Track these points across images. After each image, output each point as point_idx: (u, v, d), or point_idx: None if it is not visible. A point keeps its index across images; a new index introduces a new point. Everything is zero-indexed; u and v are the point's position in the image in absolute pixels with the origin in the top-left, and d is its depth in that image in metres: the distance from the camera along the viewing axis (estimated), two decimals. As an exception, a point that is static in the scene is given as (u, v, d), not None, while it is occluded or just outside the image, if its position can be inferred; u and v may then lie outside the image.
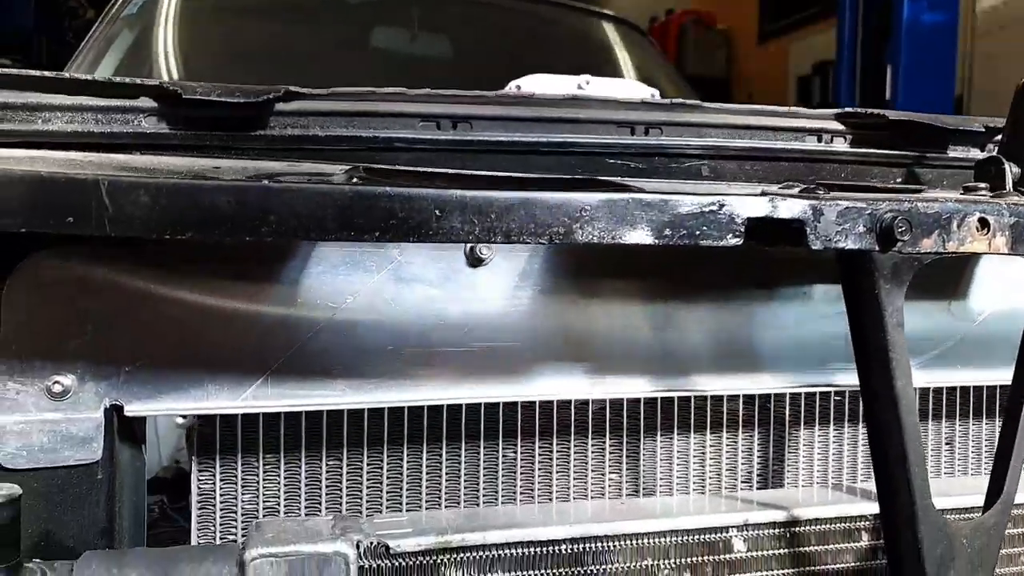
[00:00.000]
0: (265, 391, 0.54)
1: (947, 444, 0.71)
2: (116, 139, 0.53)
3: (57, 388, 0.51)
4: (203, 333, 0.54)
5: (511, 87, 1.09)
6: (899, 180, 0.68)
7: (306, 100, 0.55)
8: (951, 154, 0.68)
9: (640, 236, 0.45)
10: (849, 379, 0.63)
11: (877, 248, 0.48)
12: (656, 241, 0.45)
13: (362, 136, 0.56)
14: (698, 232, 0.46)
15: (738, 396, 0.64)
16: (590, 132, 0.61)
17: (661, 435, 0.63)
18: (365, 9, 2.25)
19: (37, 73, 0.51)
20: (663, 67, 2.44)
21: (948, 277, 0.67)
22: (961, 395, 0.70)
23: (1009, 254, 0.51)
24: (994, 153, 0.65)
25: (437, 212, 0.43)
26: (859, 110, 0.67)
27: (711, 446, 0.64)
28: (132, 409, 0.52)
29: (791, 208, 0.47)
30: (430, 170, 0.55)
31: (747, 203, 0.46)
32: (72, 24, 5.04)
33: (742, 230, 0.46)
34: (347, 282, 0.55)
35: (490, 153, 0.59)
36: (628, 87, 1.14)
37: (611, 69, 2.38)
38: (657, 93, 1.21)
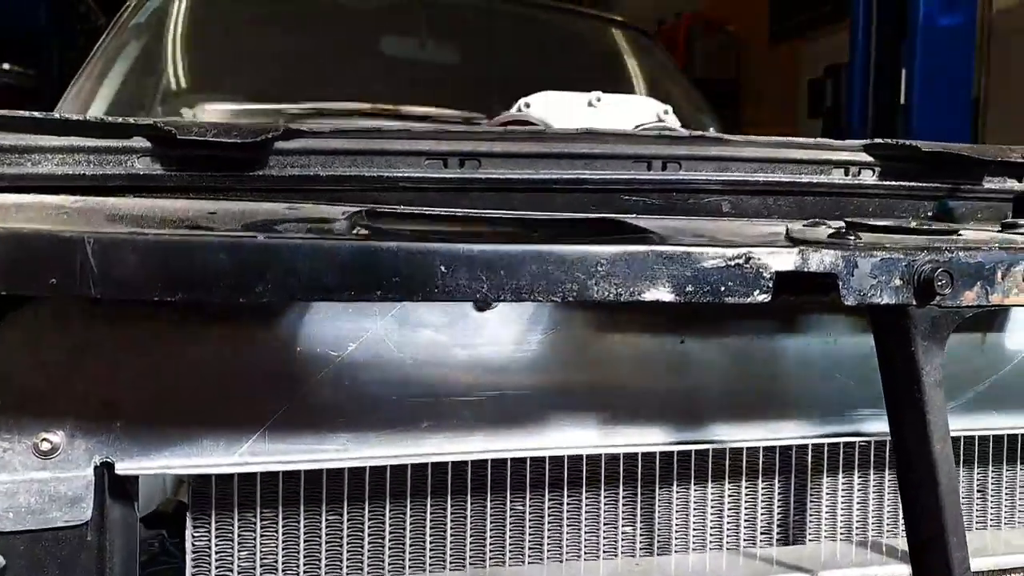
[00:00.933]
0: (262, 446, 0.52)
1: (979, 492, 0.68)
2: (109, 181, 0.50)
3: (45, 446, 0.49)
4: (197, 385, 0.51)
5: (519, 104, 1.07)
6: (930, 214, 0.65)
7: (307, 138, 0.52)
8: (987, 185, 0.65)
9: (660, 293, 0.42)
10: (876, 427, 0.60)
11: (914, 303, 0.45)
12: (677, 299, 0.42)
13: (366, 175, 0.53)
14: (723, 288, 0.43)
15: (758, 447, 0.61)
16: (604, 168, 0.58)
17: (678, 487, 0.60)
18: (374, 17, 2.23)
19: (26, 114, 0.49)
20: (672, 74, 2.41)
21: (981, 312, 0.64)
22: (995, 441, 0.67)
23: (1055, 305, 0.48)
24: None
25: (443, 268, 0.40)
26: (889, 141, 0.64)
27: (730, 498, 0.61)
28: (123, 467, 0.49)
29: (823, 261, 0.44)
30: (436, 211, 0.52)
31: (775, 257, 0.43)
32: (83, 29, 5.04)
33: (770, 285, 0.43)
34: (349, 328, 0.53)
35: (500, 191, 0.56)
36: (641, 104, 1.11)
37: (620, 76, 2.35)
38: (670, 109, 1.18)
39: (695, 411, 0.59)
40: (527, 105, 1.07)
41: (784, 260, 0.44)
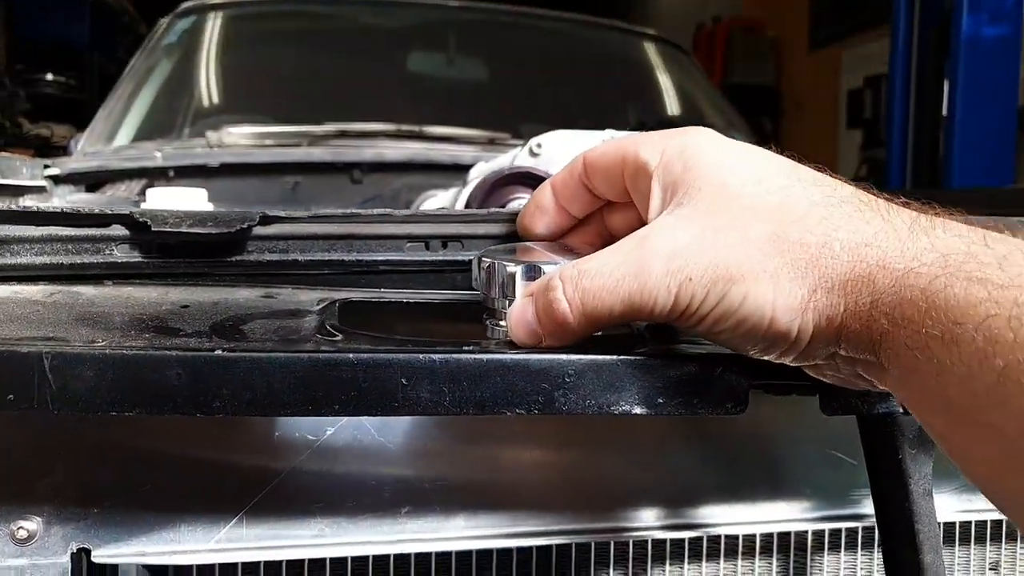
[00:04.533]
0: (239, 532, 0.52)
1: (992, 570, 0.65)
2: (88, 270, 0.50)
3: (22, 533, 0.49)
4: (175, 470, 0.51)
5: (532, 145, 1.05)
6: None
7: (285, 224, 0.51)
8: None
9: (630, 406, 0.41)
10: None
11: (901, 410, 0.43)
12: (648, 411, 0.41)
13: (345, 260, 0.52)
14: (695, 400, 0.41)
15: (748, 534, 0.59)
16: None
17: (671, 572, 0.58)
18: (401, 35, 2.23)
19: (3, 206, 0.49)
20: (706, 89, 2.38)
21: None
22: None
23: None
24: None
25: (404, 381, 0.39)
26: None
27: (723, 584, 0.59)
28: (100, 554, 0.50)
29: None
30: (412, 299, 0.51)
31: (756, 363, 0.42)
32: (124, 41, 5.15)
33: (745, 397, 0.41)
34: (329, 412, 0.52)
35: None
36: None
37: (652, 92, 2.33)
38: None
39: (686, 494, 0.57)
40: (539, 145, 1.05)
41: (765, 369, 0.42)
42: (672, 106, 2.26)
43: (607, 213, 0.48)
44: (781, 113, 5.79)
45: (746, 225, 0.36)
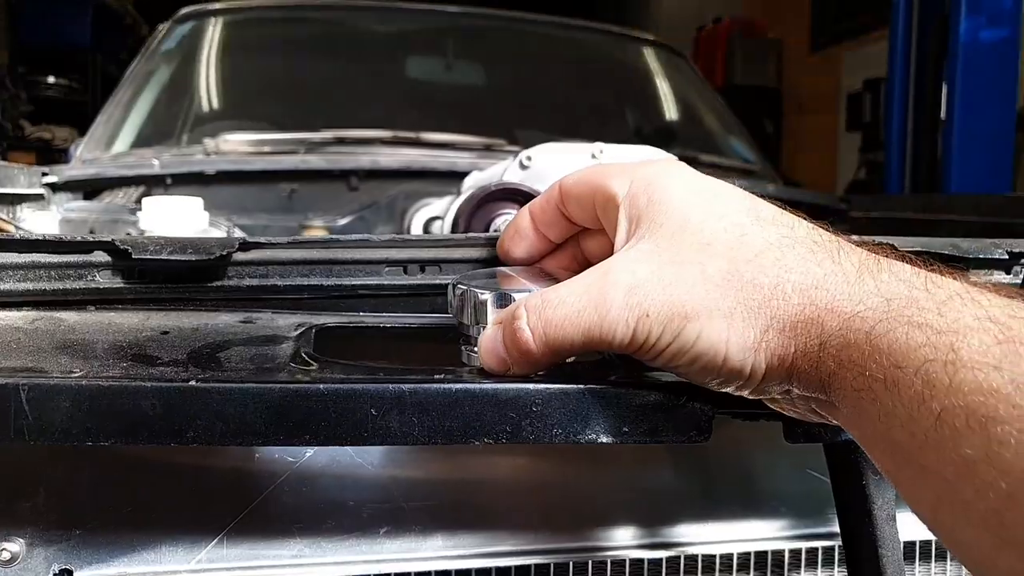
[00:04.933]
0: (220, 552, 0.53)
1: (966, 587, 0.65)
2: (71, 295, 0.51)
3: (5, 555, 0.50)
4: (156, 491, 0.52)
5: (522, 157, 1.06)
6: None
7: (264, 249, 0.52)
8: (972, 279, 0.63)
9: (595, 434, 0.42)
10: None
11: (864, 438, 0.44)
12: (614, 440, 0.42)
13: (324, 284, 0.53)
14: (659, 428, 0.42)
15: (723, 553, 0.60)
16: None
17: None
18: (402, 40, 2.24)
19: (-13, 233, 0.50)
20: (705, 94, 2.37)
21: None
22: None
23: None
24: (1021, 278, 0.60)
25: (373, 411, 0.40)
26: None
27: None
28: (83, 574, 0.51)
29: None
30: (389, 324, 0.52)
31: (719, 392, 0.42)
32: (128, 43, 5.17)
33: (708, 425, 0.42)
34: (309, 433, 0.53)
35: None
36: (644, 155, 1.10)
37: (650, 98, 2.33)
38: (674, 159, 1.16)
39: (664, 514, 0.58)
40: (529, 159, 1.06)
41: (728, 397, 0.43)
42: (670, 111, 2.26)
43: (583, 239, 0.48)
44: (783, 115, 5.79)
45: (704, 261, 0.37)
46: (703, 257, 0.37)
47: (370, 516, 0.54)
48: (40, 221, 1.35)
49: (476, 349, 0.44)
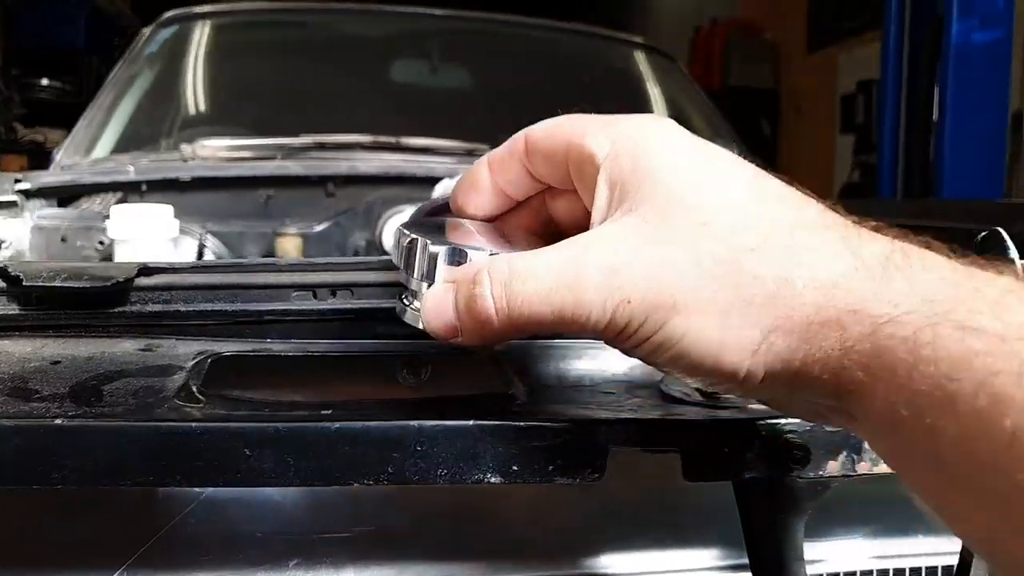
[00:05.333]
0: (123, 586, 0.51)
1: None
2: (-36, 322, 0.50)
3: None
4: (53, 523, 0.51)
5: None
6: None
7: (166, 274, 0.51)
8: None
9: (483, 475, 0.40)
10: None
11: (769, 475, 0.42)
12: (504, 481, 0.40)
13: (228, 310, 0.52)
14: (551, 468, 0.40)
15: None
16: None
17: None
18: (387, 44, 2.22)
19: None
20: (695, 98, 2.35)
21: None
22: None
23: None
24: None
25: (247, 451, 0.39)
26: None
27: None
28: (-22, 609, 0.49)
29: (665, 428, 0.42)
30: (288, 352, 0.50)
31: (612, 431, 0.41)
32: (120, 43, 5.16)
33: (604, 464, 0.41)
34: (217, 462, 0.51)
35: (375, 321, 0.54)
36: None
37: (640, 102, 2.31)
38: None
39: (589, 543, 0.57)
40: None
41: (625, 434, 0.41)
42: (661, 114, 2.24)
43: (550, 198, 0.41)
44: (780, 116, 5.76)
45: (696, 244, 0.32)
46: (697, 239, 0.32)
47: (280, 548, 0.53)
48: (11, 229, 1.34)
49: (418, 307, 0.38)
